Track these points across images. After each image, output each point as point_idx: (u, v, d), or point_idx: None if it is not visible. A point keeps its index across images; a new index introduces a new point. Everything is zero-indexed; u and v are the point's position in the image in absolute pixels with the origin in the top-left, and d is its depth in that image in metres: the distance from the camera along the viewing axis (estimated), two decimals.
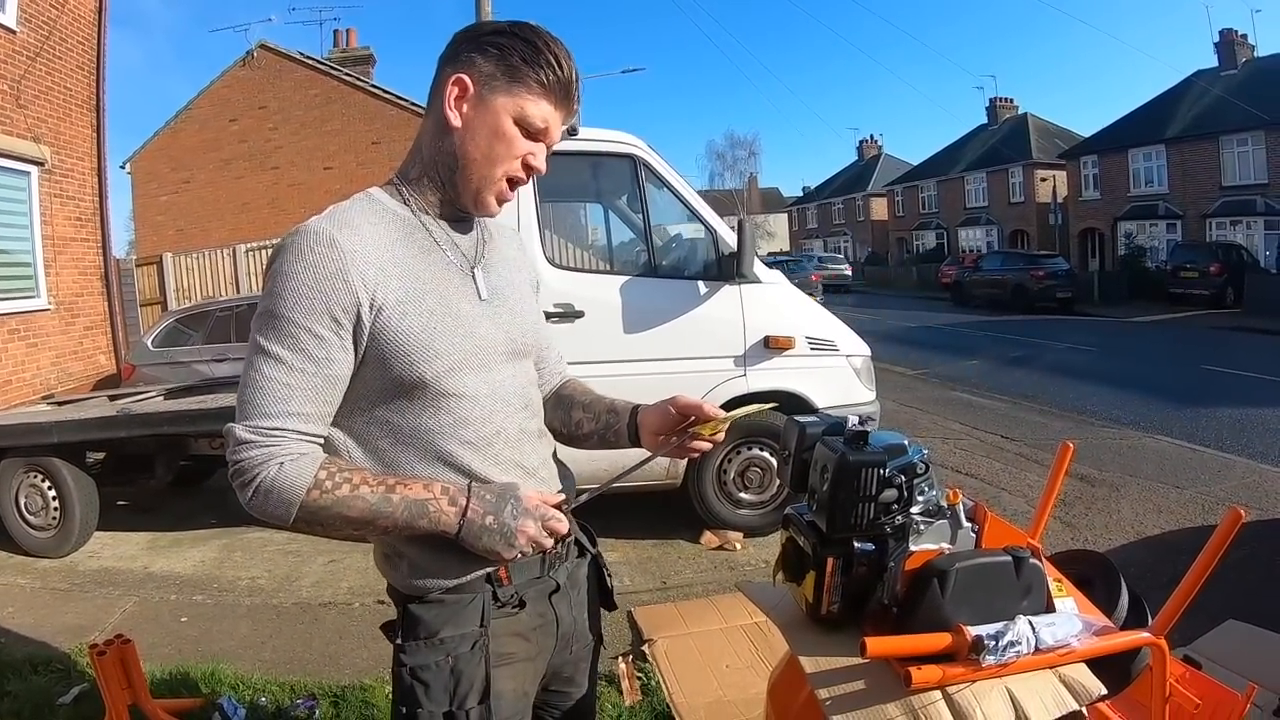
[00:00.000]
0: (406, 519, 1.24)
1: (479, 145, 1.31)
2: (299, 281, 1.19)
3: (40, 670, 3.71)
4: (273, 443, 1.20)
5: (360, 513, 1.22)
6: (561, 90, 1.32)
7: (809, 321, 5.20)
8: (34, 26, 8.54)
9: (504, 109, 1.30)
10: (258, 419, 1.20)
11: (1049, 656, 1.36)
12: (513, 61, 1.29)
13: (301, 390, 1.21)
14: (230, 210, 19.04)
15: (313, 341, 1.20)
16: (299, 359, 1.20)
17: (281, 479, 1.19)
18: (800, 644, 1.48)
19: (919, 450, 1.50)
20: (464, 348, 1.29)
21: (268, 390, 1.20)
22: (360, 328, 1.22)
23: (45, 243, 8.69)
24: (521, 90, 1.29)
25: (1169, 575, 1.56)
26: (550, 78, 1.30)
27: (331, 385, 1.24)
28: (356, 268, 1.20)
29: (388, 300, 1.23)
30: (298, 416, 1.21)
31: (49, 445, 5.38)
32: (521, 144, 1.32)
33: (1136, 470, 6.56)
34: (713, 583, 4.53)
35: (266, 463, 1.19)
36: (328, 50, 21.20)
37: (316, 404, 1.23)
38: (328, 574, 4.86)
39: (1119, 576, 1.79)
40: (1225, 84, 29.09)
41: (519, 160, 1.33)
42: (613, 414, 1.58)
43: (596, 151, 5.11)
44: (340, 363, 1.23)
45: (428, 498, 1.24)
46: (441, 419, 1.29)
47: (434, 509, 1.24)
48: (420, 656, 1.32)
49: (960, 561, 1.42)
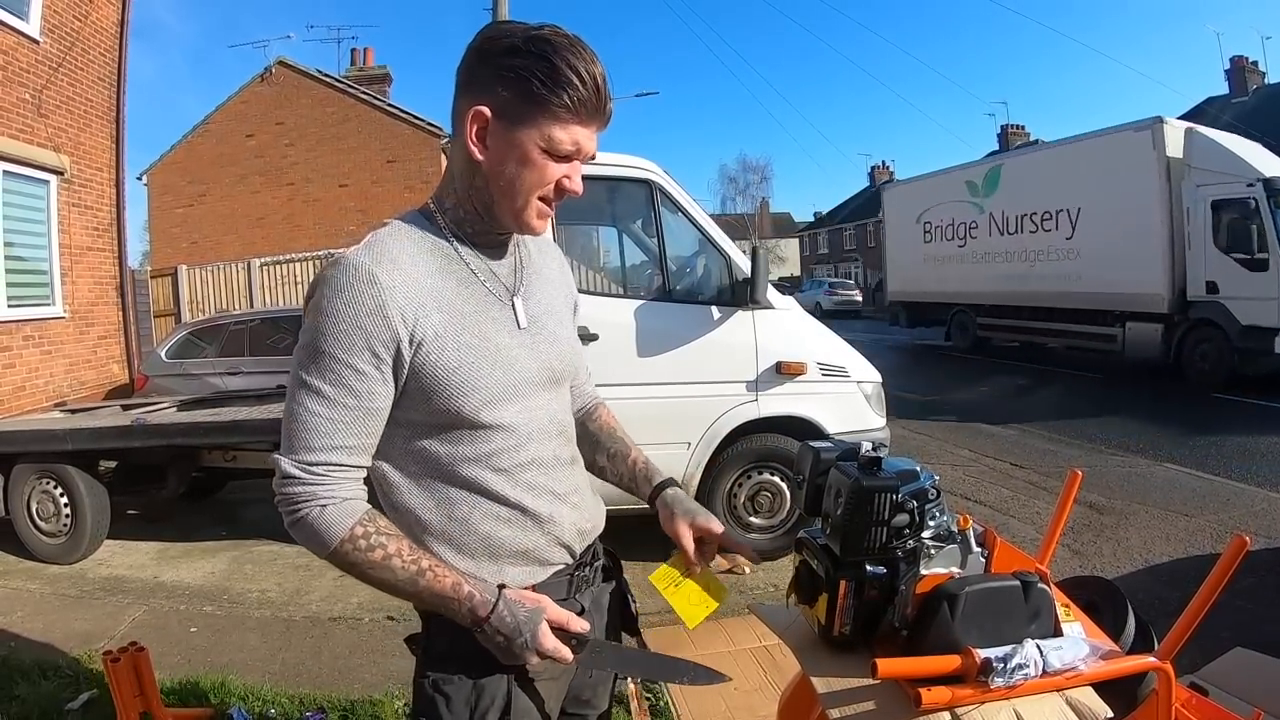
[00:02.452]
0: (428, 605, 1.28)
1: (508, 177, 1.28)
2: (339, 318, 1.20)
3: (49, 676, 3.73)
4: (316, 480, 1.23)
5: (384, 582, 1.25)
6: (589, 107, 1.26)
7: (821, 347, 5.22)
8: (57, 38, 8.65)
9: (529, 139, 1.25)
10: (302, 453, 1.23)
11: (1056, 679, 1.39)
12: (532, 88, 1.22)
13: (344, 424, 1.23)
14: (245, 224, 19.16)
15: (354, 376, 1.22)
16: (340, 393, 1.22)
17: (321, 522, 1.22)
18: (813, 665, 1.50)
19: (930, 476, 1.53)
20: (502, 381, 1.30)
21: (311, 425, 1.22)
22: (400, 362, 1.24)
23: (62, 251, 8.76)
24: (544, 118, 1.24)
25: (1176, 603, 1.58)
26: (574, 98, 1.23)
27: (373, 418, 1.26)
28: (396, 304, 1.21)
29: (426, 335, 1.24)
30: (341, 450, 1.24)
31: (63, 452, 5.42)
32: (553, 169, 1.29)
33: (1145, 498, 6.54)
34: (721, 606, 4.50)
35: (310, 501, 1.22)
36: (345, 68, 21.45)
37: (359, 437, 1.25)
38: (338, 589, 4.88)
39: (1126, 602, 1.82)
40: (1236, 111, 29.01)
41: (552, 185, 1.30)
42: (634, 483, 1.62)
43: (613, 176, 5.15)
44: (381, 396, 1.25)
45: (452, 598, 1.25)
46: (478, 448, 1.30)
47: (455, 609, 1.26)
48: (441, 669, 1.34)
49: (970, 585, 1.44)
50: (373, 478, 1.35)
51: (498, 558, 1.33)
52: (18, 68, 8.04)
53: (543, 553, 1.37)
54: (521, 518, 1.34)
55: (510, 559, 1.34)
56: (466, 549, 1.32)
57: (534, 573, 1.36)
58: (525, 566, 1.35)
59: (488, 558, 1.33)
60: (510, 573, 1.33)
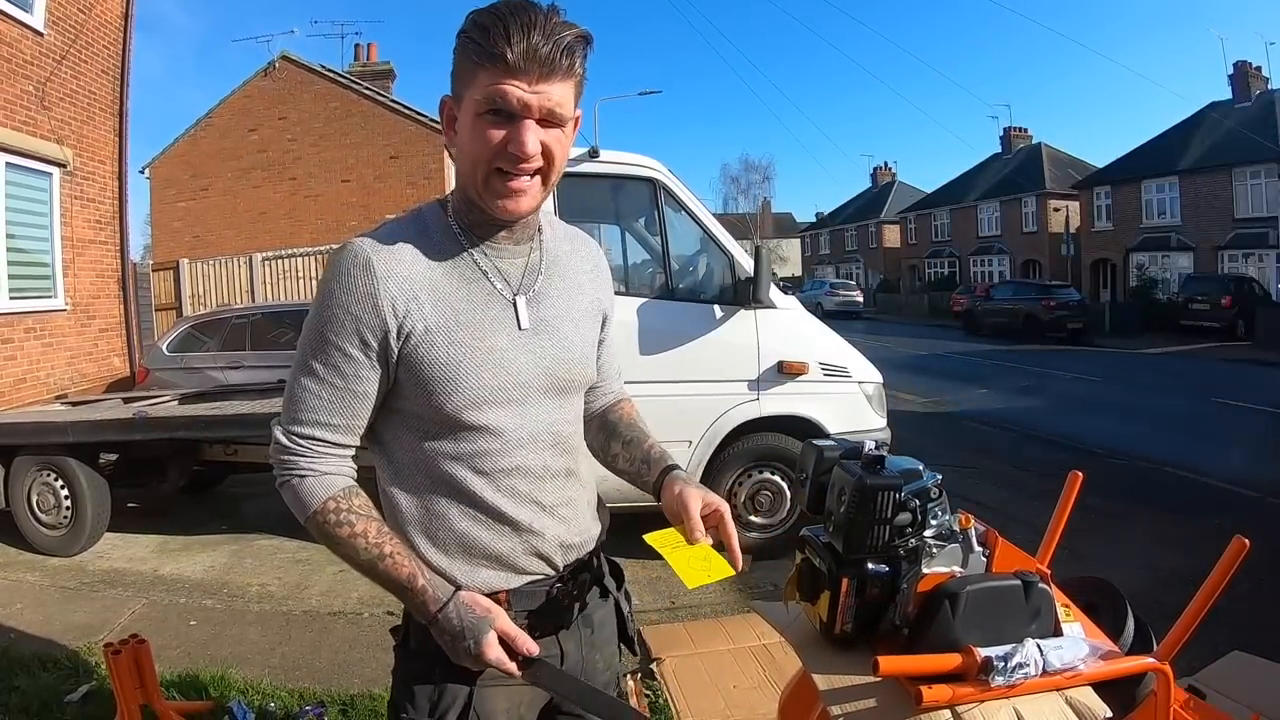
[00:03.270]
0: (388, 589, 1.29)
1: (465, 153, 1.26)
2: (334, 301, 1.23)
3: (49, 668, 3.75)
4: (300, 452, 1.28)
5: (348, 559, 1.28)
6: (513, 55, 1.15)
7: (822, 347, 5.23)
8: (61, 30, 8.64)
9: (469, 108, 1.22)
10: (291, 424, 1.28)
11: (1056, 679, 1.39)
12: (463, 56, 1.21)
13: (329, 403, 1.27)
14: (247, 219, 19.15)
15: (342, 359, 1.25)
16: (330, 373, 1.26)
17: (301, 490, 1.28)
18: (814, 662, 1.51)
19: (933, 475, 1.53)
20: (491, 383, 1.28)
21: (301, 399, 1.28)
22: (388, 352, 1.25)
23: (64, 244, 8.74)
24: (477, 80, 1.19)
25: (1175, 605, 1.58)
26: (494, 49, 1.15)
27: (359, 401, 1.28)
28: (388, 293, 1.23)
29: (416, 328, 1.24)
30: (326, 427, 1.28)
31: (64, 445, 5.44)
32: (494, 133, 1.20)
33: (1145, 501, 6.55)
34: (721, 604, 4.54)
35: (293, 470, 1.28)
36: (348, 64, 21.33)
37: (345, 417, 1.28)
38: (338, 583, 4.88)
39: (1125, 603, 1.82)
40: (1239, 116, 29.08)
41: (502, 151, 1.21)
42: (645, 465, 1.55)
43: (617, 174, 5.18)
44: (368, 381, 1.27)
45: (407, 588, 1.26)
46: (461, 447, 1.29)
47: (408, 599, 1.28)
48: (411, 665, 1.36)
49: (971, 584, 1.45)
50: (373, 461, 1.38)
51: (471, 557, 1.32)
52: (21, 60, 8.02)
53: (518, 560, 1.35)
54: (498, 523, 1.32)
55: (484, 560, 1.33)
56: (441, 543, 1.32)
57: (507, 578, 1.34)
58: (498, 571, 1.34)
59: (461, 555, 1.32)
60: (483, 574, 1.32)
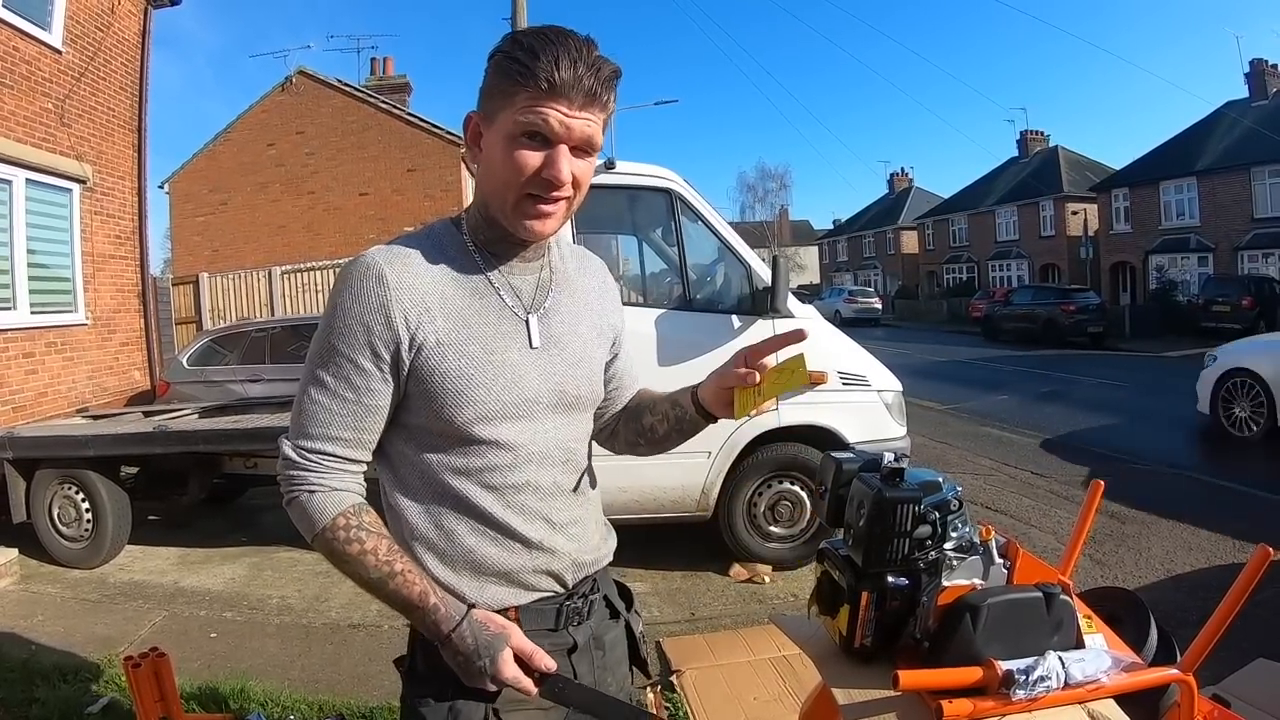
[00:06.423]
0: (397, 608, 1.27)
1: (493, 173, 1.26)
2: (346, 313, 1.23)
3: (69, 679, 3.78)
4: (310, 467, 1.26)
5: (357, 577, 1.26)
6: (555, 82, 1.17)
7: (842, 356, 5.21)
8: (80, 47, 8.73)
9: (502, 129, 1.22)
10: (300, 439, 1.26)
11: (1078, 692, 1.37)
12: (499, 77, 1.21)
13: (340, 417, 1.25)
14: (266, 232, 19.27)
15: (354, 372, 1.24)
16: (341, 386, 1.24)
17: (309, 507, 1.25)
18: (834, 676, 1.49)
19: (953, 487, 1.52)
20: (503, 398, 1.28)
21: (310, 413, 1.26)
22: (399, 364, 1.24)
23: (85, 259, 8.82)
24: (513, 103, 1.20)
25: (1199, 613, 1.56)
26: (536, 74, 1.16)
27: (370, 414, 1.27)
28: (400, 305, 1.22)
29: (427, 341, 1.24)
30: (337, 441, 1.26)
31: (85, 458, 5.48)
32: (529, 156, 1.21)
33: (1167, 508, 6.47)
34: (741, 615, 4.51)
35: (302, 486, 1.26)
36: (365, 78, 21.47)
37: (355, 431, 1.26)
38: (358, 595, 4.85)
39: (1148, 613, 1.80)
40: (1256, 115, 28.82)
41: (536, 176, 1.22)
42: (676, 405, 1.52)
43: (633, 185, 5.18)
44: (380, 394, 1.26)
45: (418, 606, 1.24)
46: (470, 461, 1.29)
47: (419, 618, 1.26)
48: (421, 688, 1.33)
49: (992, 597, 1.43)
50: (378, 475, 1.36)
51: (480, 574, 1.31)
52: (41, 77, 8.11)
53: (527, 577, 1.33)
54: (508, 539, 1.31)
55: (493, 577, 1.31)
56: (450, 560, 1.30)
57: (517, 595, 1.33)
58: (508, 588, 1.32)
59: (470, 572, 1.30)
60: (492, 591, 1.31)
